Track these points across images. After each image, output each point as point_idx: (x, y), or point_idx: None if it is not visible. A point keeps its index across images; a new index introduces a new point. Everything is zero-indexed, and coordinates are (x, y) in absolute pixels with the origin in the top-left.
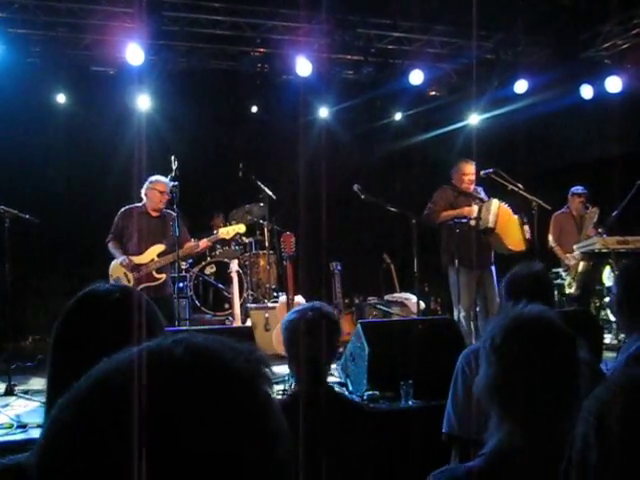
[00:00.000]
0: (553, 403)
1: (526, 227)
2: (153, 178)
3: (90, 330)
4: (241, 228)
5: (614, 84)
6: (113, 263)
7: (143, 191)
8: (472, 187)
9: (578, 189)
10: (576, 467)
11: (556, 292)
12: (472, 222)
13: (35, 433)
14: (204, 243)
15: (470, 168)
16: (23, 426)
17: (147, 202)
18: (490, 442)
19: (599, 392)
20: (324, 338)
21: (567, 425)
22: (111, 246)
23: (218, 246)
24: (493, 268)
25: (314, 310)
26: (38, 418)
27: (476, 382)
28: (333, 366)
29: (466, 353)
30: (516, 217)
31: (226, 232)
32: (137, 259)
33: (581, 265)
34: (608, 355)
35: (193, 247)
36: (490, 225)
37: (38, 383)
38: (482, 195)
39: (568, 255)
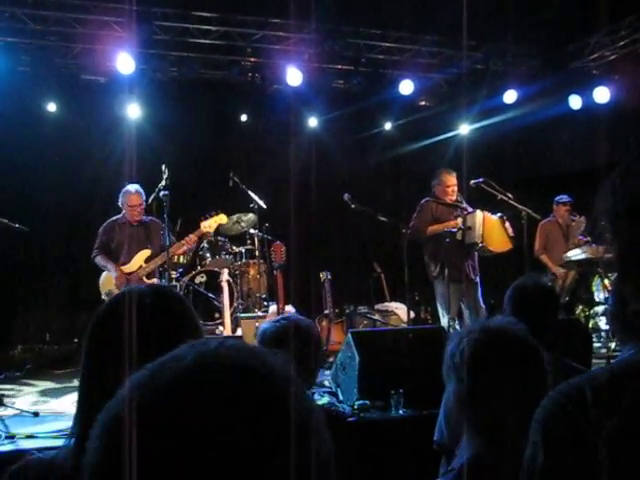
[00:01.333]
0: (522, 417)
1: (507, 224)
2: (124, 190)
3: (124, 332)
4: (222, 219)
5: (602, 94)
6: (103, 276)
7: (119, 203)
8: (454, 197)
9: (562, 198)
10: (526, 472)
11: None
12: (458, 236)
13: (24, 444)
14: (189, 239)
15: (452, 179)
16: (11, 437)
17: (124, 214)
18: (459, 458)
19: (545, 401)
20: (297, 350)
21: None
22: (100, 259)
23: (208, 255)
24: (478, 279)
25: (291, 322)
26: (27, 428)
27: (445, 398)
28: (327, 373)
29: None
30: (496, 218)
31: (208, 225)
32: (126, 268)
33: (571, 274)
34: (597, 362)
35: (179, 246)
36: (477, 240)
37: (27, 393)
38: (464, 204)
39: (557, 265)
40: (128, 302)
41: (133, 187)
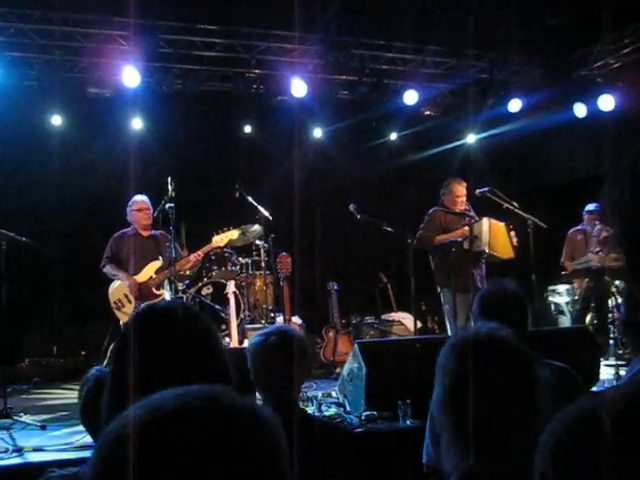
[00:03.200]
0: (502, 424)
1: (512, 233)
2: (131, 200)
3: (153, 348)
4: (233, 234)
5: (607, 102)
6: (113, 285)
7: (128, 216)
8: (463, 207)
9: (590, 207)
10: None
11: (555, 308)
12: (465, 245)
13: (31, 457)
14: (199, 254)
15: (462, 189)
16: (19, 450)
17: (134, 225)
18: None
19: (553, 426)
20: (292, 361)
21: (522, 447)
22: (109, 269)
23: (215, 267)
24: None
25: (280, 333)
26: (34, 442)
27: (431, 406)
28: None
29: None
30: (503, 224)
31: (220, 239)
32: (137, 278)
33: (584, 283)
34: (606, 372)
35: (189, 260)
36: (483, 248)
37: (34, 406)
38: (472, 212)
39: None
40: (158, 317)
41: (138, 196)
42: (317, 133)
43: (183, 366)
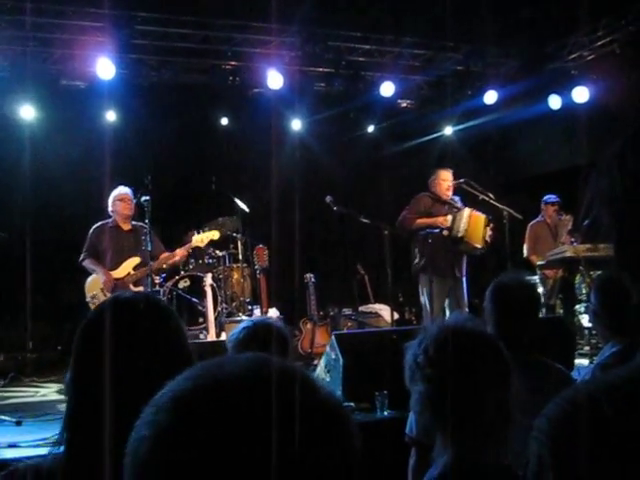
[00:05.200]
0: (484, 418)
1: (489, 227)
2: (114, 192)
3: (115, 340)
4: (215, 235)
5: (581, 94)
6: (90, 279)
7: (109, 207)
8: (450, 194)
9: (551, 197)
10: None
11: None
12: (445, 232)
13: (6, 453)
14: (181, 252)
15: (448, 175)
16: None
17: (116, 216)
18: (436, 466)
19: (549, 409)
20: (271, 352)
21: (503, 438)
22: (88, 263)
23: (192, 260)
24: (464, 279)
25: (263, 325)
26: (9, 437)
27: (413, 403)
28: None
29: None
30: (484, 217)
31: (200, 239)
32: (114, 274)
33: (558, 274)
34: (581, 362)
35: (169, 257)
36: (460, 234)
37: (9, 401)
38: (459, 204)
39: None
40: (120, 308)
41: (122, 187)
42: (295, 125)
43: (147, 360)
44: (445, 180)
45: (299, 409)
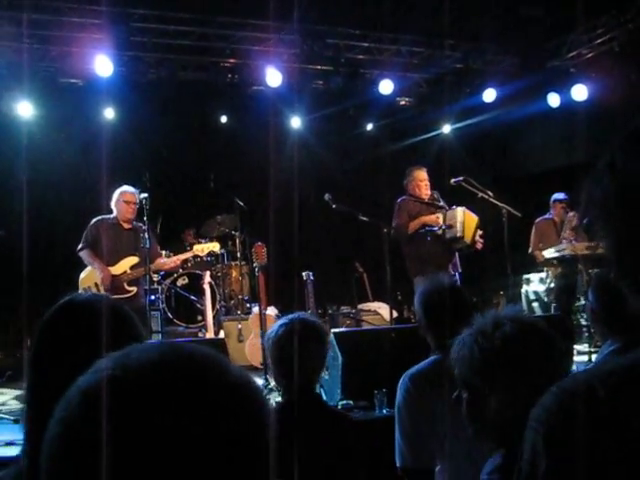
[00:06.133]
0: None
1: (480, 231)
2: (121, 189)
3: (69, 342)
4: (215, 246)
5: (580, 92)
6: (85, 272)
7: (112, 203)
8: (429, 193)
9: (559, 196)
10: (526, 478)
11: (528, 297)
12: (439, 231)
13: (3, 451)
14: (178, 260)
15: (423, 174)
16: None
17: (117, 214)
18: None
19: (545, 398)
20: (314, 348)
21: None
22: (85, 254)
23: (190, 257)
24: (457, 275)
25: (301, 321)
26: (6, 436)
27: (401, 419)
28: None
29: (412, 374)
30: (477, 219)
31: (201, 249)
32: (111, 270)
33: (558, 271)
34: (580, 359)
35: (166, 264)
36: (459, 234)
37: (7, 399)
38: (441, 202)
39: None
40: (76, 309)
41: (130, 187)
42: (294, 123)
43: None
44: (422, 180)
45: (208, 389)
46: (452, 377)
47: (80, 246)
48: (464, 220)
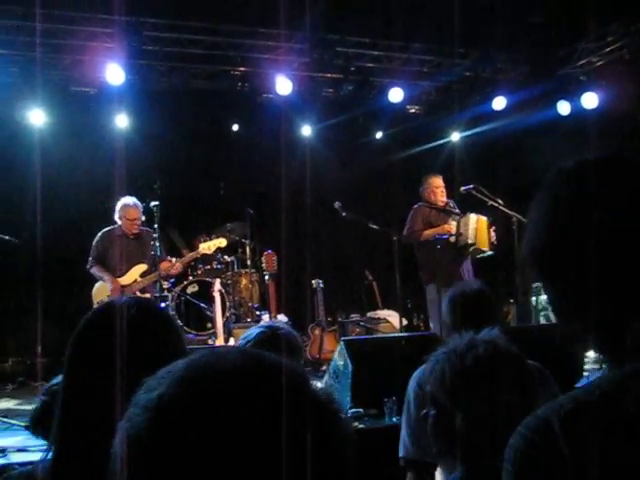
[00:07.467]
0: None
1: (492, 229)
2: (122, 202)
3: (107, 345)
4: (222, 242)
5: (590, 100)
6: (97, 286)
7: (116, 216)
8: (445, 200)
9: None
10: None
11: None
12: (452, 239)
13: (15, 457)
14: (184, 261)
15: (439, 181)
16: (2, 450)
17: (121, 225)
18: None
19: (512, 439)
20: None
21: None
22: (95, 270)
23: (200, 265)
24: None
25: (268, 329)
26: (18, 442)
27: (406, 414)
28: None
29: (419, 375)
30: (486, 219)
31: (207, 247)
32: (121, 280)
33: None
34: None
35: (171, 266)
36: (470, 241)
37: (18, 406)
38: (457, 210)
39: None
40: (113, 314)
41: (131, 200)
42: (305, 131)
43: (140, 366)
44: (438, 187)
45: (292, 403)
46: None
47: (89, 265)
48: (477, 227)
